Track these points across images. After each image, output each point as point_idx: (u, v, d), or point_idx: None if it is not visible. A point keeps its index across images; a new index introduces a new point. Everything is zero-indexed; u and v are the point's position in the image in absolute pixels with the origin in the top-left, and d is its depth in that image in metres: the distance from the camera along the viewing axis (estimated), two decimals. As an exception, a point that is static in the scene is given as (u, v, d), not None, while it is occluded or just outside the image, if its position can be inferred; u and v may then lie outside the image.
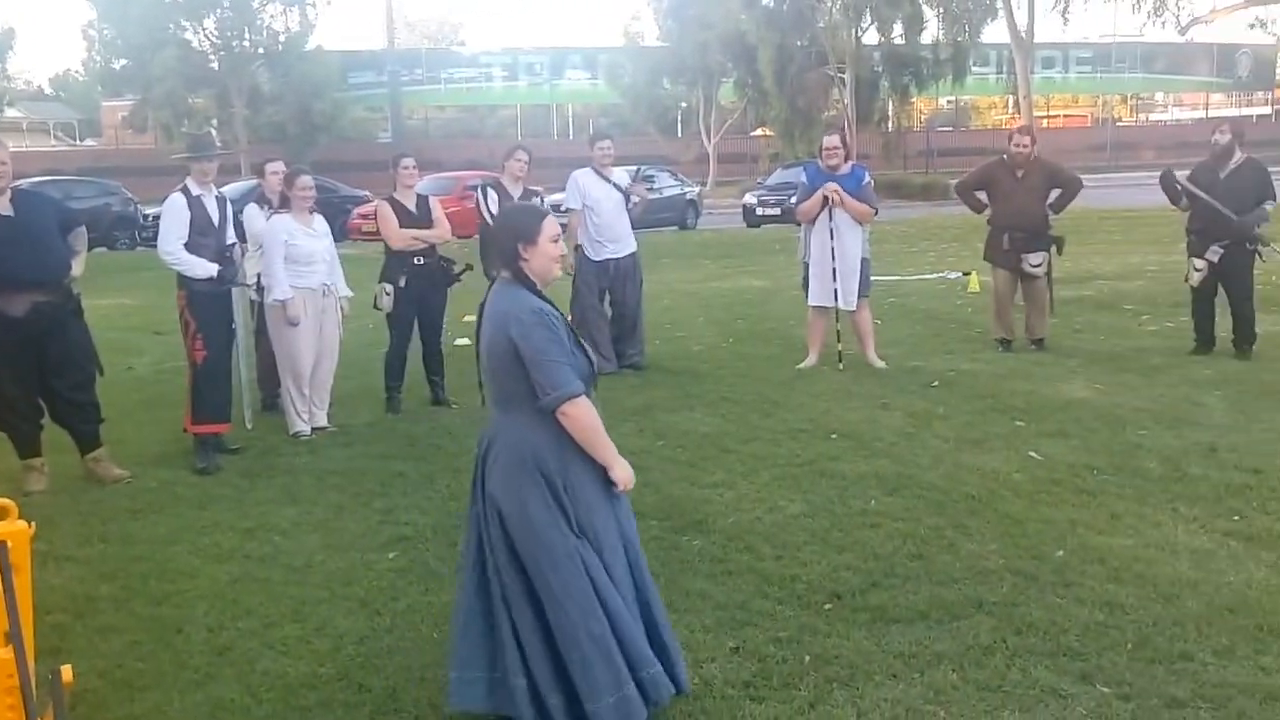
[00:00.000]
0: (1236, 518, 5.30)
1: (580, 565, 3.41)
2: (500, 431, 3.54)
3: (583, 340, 3.59)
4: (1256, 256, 8.79)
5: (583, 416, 3.41)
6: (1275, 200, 8.82)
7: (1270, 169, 8.93)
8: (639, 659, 3.45)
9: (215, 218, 6.81)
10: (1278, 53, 63.90)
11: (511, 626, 3.44)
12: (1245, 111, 63.00)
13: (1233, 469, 6.03)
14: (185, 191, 6.74)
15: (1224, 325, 9.02)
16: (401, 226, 7.90)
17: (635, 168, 9.98)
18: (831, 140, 8.92)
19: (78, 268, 6.44)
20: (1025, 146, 9.24)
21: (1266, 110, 64.49)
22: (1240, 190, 8.63)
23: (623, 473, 3.50)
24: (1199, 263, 8.83)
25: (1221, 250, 8.68)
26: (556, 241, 3.56)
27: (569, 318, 3.78)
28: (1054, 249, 9.29)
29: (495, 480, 3.48)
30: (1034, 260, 9.20)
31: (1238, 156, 8.78)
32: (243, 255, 7.48)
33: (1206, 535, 5.10)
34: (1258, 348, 8.89)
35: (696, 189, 31.18)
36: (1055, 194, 9.40)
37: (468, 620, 3.56)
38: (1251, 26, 52.29)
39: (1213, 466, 6.10)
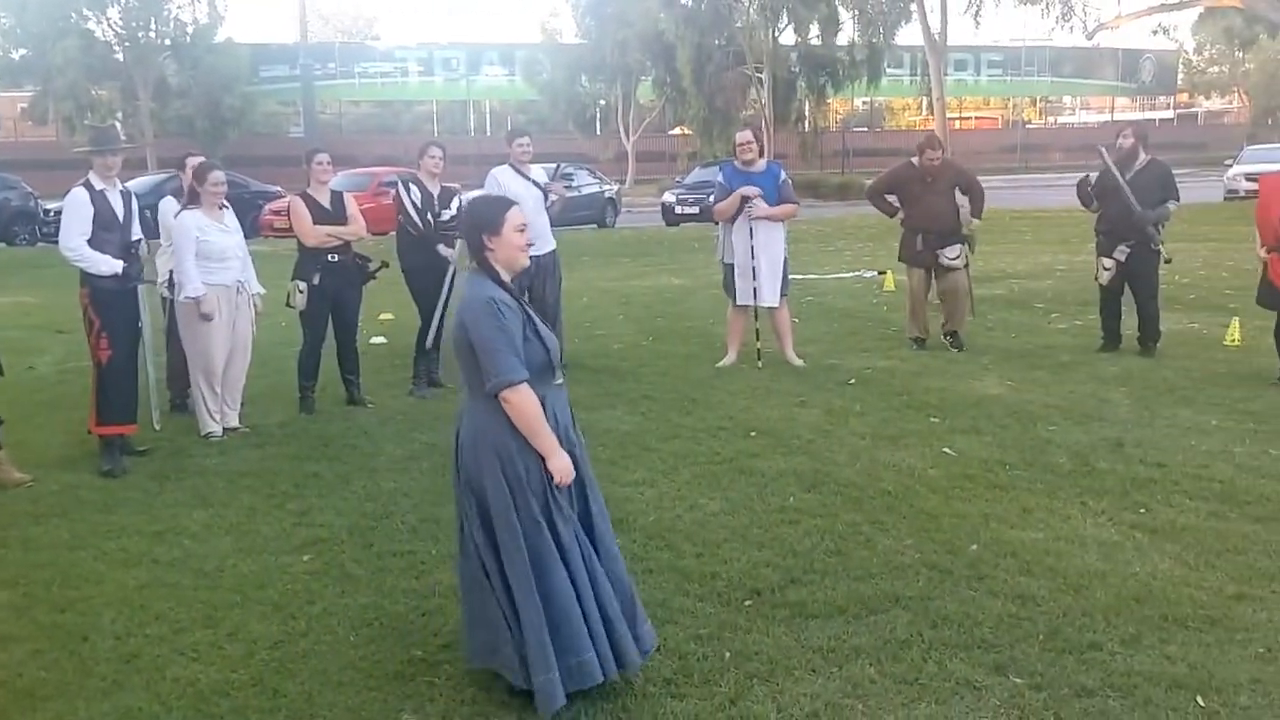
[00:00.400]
0: (1142, 510, 5.44)
1: (524, 553, 3.53)
2: (466, 414, 3.68)
3: (541, 329, 3.63)
4: (1160, 256, 9.03)
5: (522, 404, 3.49)
6: (1179, 201, 9.07)
7: (1173, 171, 9.18)
8: (572, 645, 3.54)
9: (120, 213, 6.61)
10: (1179, 58, 66.04)
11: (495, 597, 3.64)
12: (1148, 115, 65.08)
13: (1138, 463, 6.20)
14: (88, 186, 6.53)
15: (1130, 324, 9.27)
16: (316, 223, 7.75)
17: (554, 165, 9.91)
18: (745, 135, 8.97)
19: None
20: (934, 160, 9.31)
21: (1169, 114, 66.60)
22: (1145, 190, 8.85)
23: (559, 463, 3.57)
24: (1107, 262, 9.06)
25: (1129, 250, 8.92)
26: (521, 231, 3.66)
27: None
28: (967, 246, 9.45)
29: (464, 461, 3.64)
30: (950, 254, 9.31)
31: (1142, 158, 9.01)
32: (151, 251, 7.28)
33: (1114, 528, 5.24)
34: (1161, 345, 9.15)
35: (615, 187, 31.19)
36: (964, 203, 9.45)
37: (462, 590, 3.80)
38: (1154, 33, 53.78)
39: (1119, 461, 6.26)
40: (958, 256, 9.34)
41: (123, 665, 4.11)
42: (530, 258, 8.67)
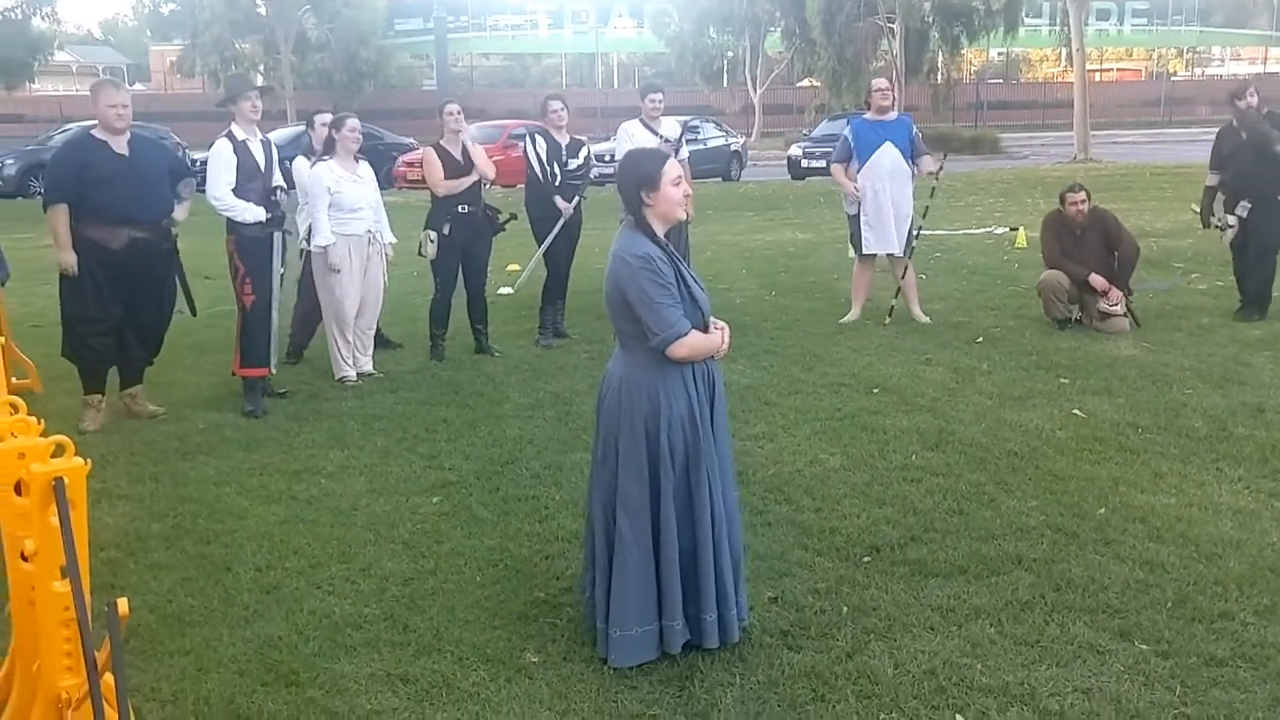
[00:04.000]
0: (1283, 479, 5.25)
1: (646, 508, 3.59)
2: (616, 363, 3.70)
3: (693, 284, 3.63)
4: None
5: (691, 346, 3.54)
6: None
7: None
8: (670, 608, 3.63)
9: (261, 162, 6.85)
10: (1342, 5, 62.14)
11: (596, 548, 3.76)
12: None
13: (1279, 430, 5.96)
14: (230, 137, 6.78)
15: (1277, 285, 8.87)
16: (448, 174, 7.89)
17: (685, 118, 9.93)
18: (882, 82, 8.86)
19: (181, 213, 6.73)
20: (1080, 204, 8.49)
21: (1327, 66, 62.87)
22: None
23: (718, 337, 3.68)
24: (1230, 219, 8.68)
25: (1250, 205, 8.53)
26: (678, 184, 3.61)
27: None
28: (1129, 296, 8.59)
29: (607, 407, 3.67)
30: (1111, 299, 8.40)
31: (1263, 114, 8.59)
32: (288, 202, 7.52)
33: (1251, 496, 5.07)
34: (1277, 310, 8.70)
35: (741, 140, 30.93)
36: (1116, 262, 8.56)
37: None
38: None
39: (1259, 427, 6.04)
40: (1117, 303, 8.43)
41: (263, 596, 4.33)
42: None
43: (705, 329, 3.63)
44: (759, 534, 4.75)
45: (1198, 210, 9.23)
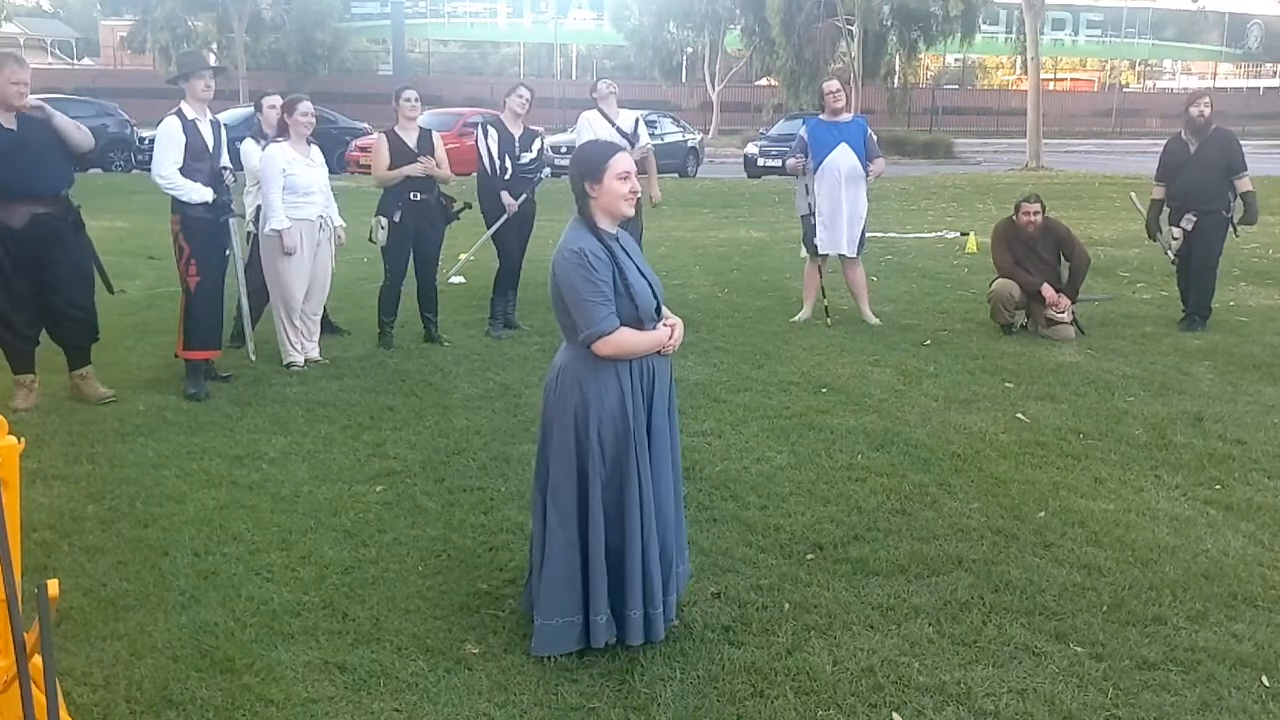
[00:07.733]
0: (1218, 487, 5.35)
1: (574, 501, 3.57)
2: (559, 358, 3.67)
3: (634, 280, 3.55)
4: (1230, 228, 8.77)
5: (617, 344, 3.48)
6: (1246, 169, 8.74)
7: None
8: (597, 602, 3.62)
9: (210, 142, 6.75)
10: (1290, 24, 63.43)
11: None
12: (1253, 83, 62.67)
13: (1217, 439, 6.08)
14: (180, 115, 6.66)
15: (1219, 297, 9.02)
16: (400, 162, 7.81)
17: (643, 112, 9.95)
18: (834, 85, 8.92)
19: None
20: (1034, 215, 8.55)
21: (1275, 83, 64.15)
22: (1211, 162, 8.63)
23: (663, 335, 3.62)
24: (1176, 231, 8.84)
25: (1195, 218, 8.70)
26: (625, 179, 3.52)
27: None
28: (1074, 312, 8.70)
29: (547, 398, 3.66)
30: (1060, 308, 8.53)
31: (1210, 129, 8.75)
32: (237, 183, 7.42)
33: (1187, 503, 5.16)
34: (1244, 320, 8.89)
35: (698, 136, 30.97)
36: (1066, 271, 8.69)
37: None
38: (1266, -4, 51.88)
39: (1197, 435, 6.15)
40: (1065, 311, 8.55)
41: (201, 581, 4.26)
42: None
43: (640, 326, 3.56)
44: (704, 530, 4.76)
45: (1135, 200, 9.31)
